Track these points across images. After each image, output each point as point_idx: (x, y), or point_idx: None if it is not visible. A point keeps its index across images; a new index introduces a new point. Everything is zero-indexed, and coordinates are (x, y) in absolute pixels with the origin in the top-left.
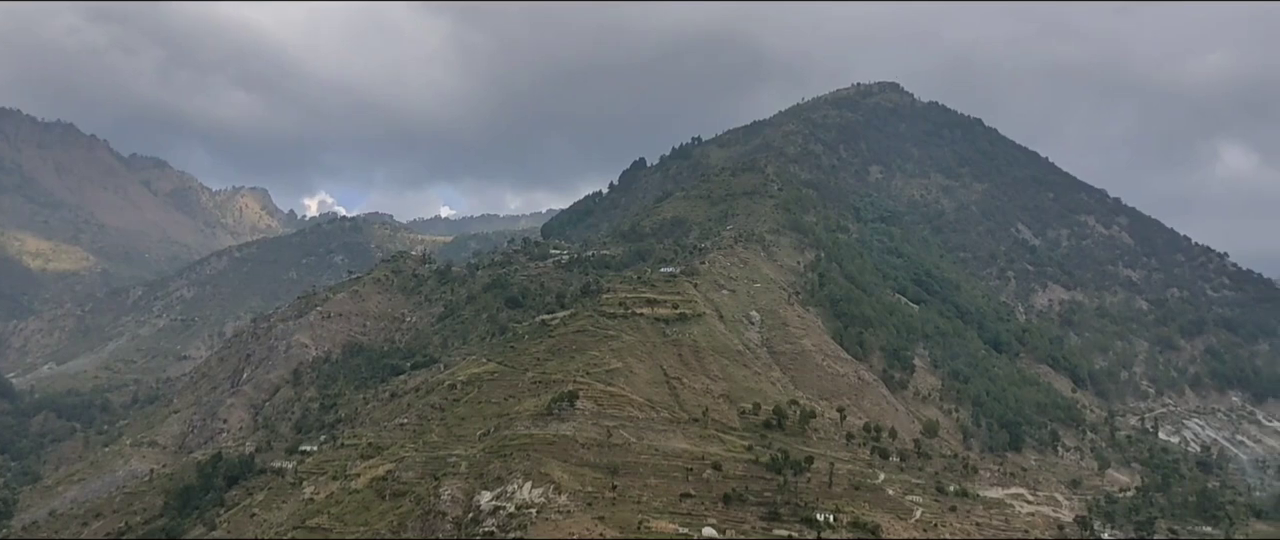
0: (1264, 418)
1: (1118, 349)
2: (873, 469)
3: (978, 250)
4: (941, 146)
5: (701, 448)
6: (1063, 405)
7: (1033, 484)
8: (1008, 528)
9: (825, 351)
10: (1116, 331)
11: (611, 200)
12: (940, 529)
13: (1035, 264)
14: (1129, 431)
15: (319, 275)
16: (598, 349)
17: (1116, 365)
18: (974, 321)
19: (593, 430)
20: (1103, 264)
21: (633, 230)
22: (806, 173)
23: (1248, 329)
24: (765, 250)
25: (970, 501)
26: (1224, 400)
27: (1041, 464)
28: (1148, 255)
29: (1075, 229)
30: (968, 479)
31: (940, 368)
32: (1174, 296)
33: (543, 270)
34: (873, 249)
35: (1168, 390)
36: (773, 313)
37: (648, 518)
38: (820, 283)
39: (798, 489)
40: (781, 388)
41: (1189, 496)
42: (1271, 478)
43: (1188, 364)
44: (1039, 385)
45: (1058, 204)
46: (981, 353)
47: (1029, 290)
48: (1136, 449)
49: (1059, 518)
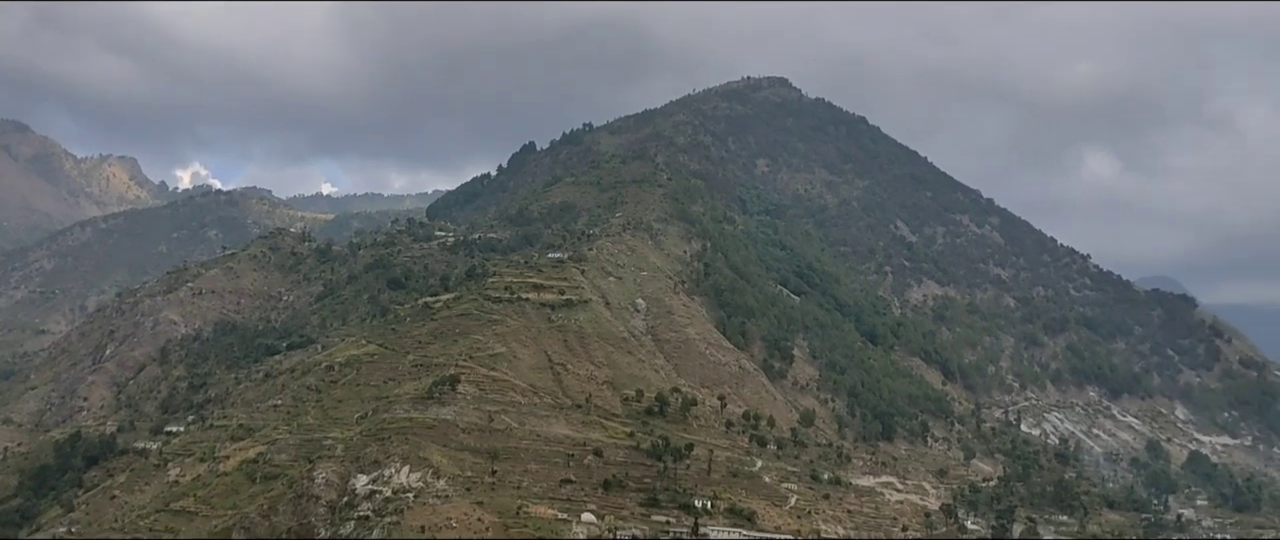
0: (1118, 412)
1: (986, 344)
2: (751, 457)
3: (858, 245)
4: (826, 143)
5: (584, 434)
6: (933, 397)
7: (902, 473)
8: (877, 515)
9: (708, 340)
10: (985, 327)
11: (500, 183)
12: (813, 516)
13: (912, 260)
14: (994, 424)
15: (191, 250)
16: (482, 333)
17: (984, 360)
18: (852, 314)
19: (474, 415)
20: (975, 262)
21: (521, 214)
22: (695, 163)
23: (1106, 328)
24: (653, 238)
25: (843, 489)
26: (1082, 395)
27: (911, 454)
28: (1017, 255)
29: (950, 227)
30: (841, 467)
31: (818, 358)
32: (1039, 295)
33: (427, 252)
34: (758, 241)
35: (1031, 385)
36: (658, 301)
37: (527, 503)
38: (706, 272)
39: (677, 476)
40: (665, 375)
41: (1047, 486)
42: (1123, 470)
43: (1050, 360)
44: (911, 377)
45: (935, 203)
46: (858, 345)
47: (905, 285)
48: (1000, 440)
49: (926, 506)
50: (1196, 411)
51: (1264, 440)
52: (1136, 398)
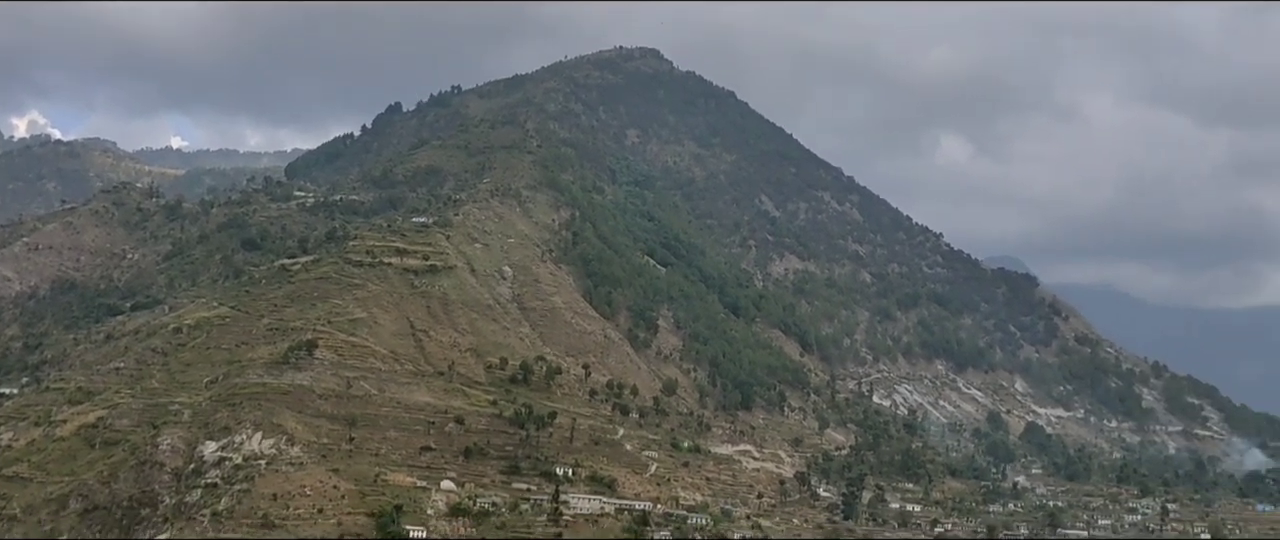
0: (963, 385)
1: (843, 318)
2: (613, 425)
3: (724, 218)
4: (696, 116)
5: (445, 401)
6: (791, 368)
7: (760, 441)
8: (734, 482)
9: (575, 309)
10: (842, 301)
11: (363, 144)
12: (672, 483)
13: (775, 234)
14: (848, 394)
15: (27, 203)
16: (341, 298)
17: (841, 332)
18: (716, 286)
19: (331, 381)
20: (835, 238)
21: (385, 177)
22: (566, 131)
23: (955, 304)
24: (521, 206)
25: (702, 457)
26: (930, 368)
27: (769, 423)
28: (874, 232)
29: (812, 203)
30: (701, 436)
31: (682, 329)
32: (894, 271)
33: (285, 212)
34: (626, 211)
35: (883, 357)
36: (525, 269)
37: (385, 471)
38: (574, 241)
39: (539, 443)
40: (530, 343)
41: (895, 455)
42: (966, 439)
43: (902, 334)
44: (771, 349)
45: (798, 179)
46: (721, 316)
47: (767, 259)
48: (853, 411)
49: (781, 473)
50: (1034, 385)
51: (1095, 413)
52: (980, 371)
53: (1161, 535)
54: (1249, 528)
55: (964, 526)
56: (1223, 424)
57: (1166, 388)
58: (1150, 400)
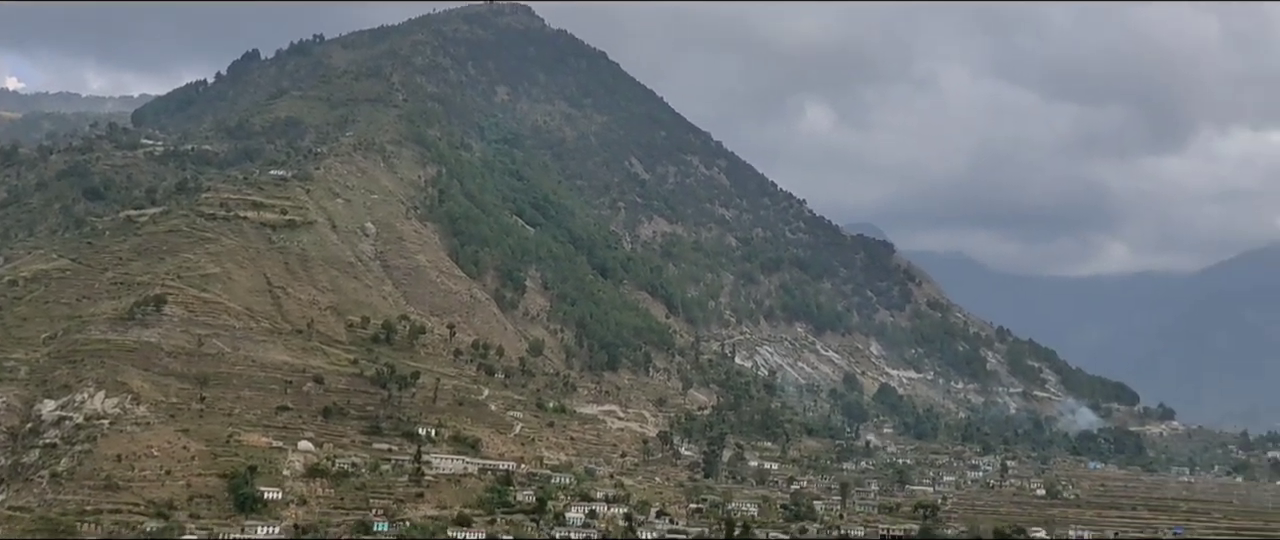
0: (821, 347)
1: (708, 281)
2: (478, 385)
3: (593, 180)
4: (567, 75)
5: (303, 360)
6: (657, 330)
7: (625, 402)
8: (599, 442)
9: (440, 268)
10: (708, 264)
11: (218, 92)
12: (537, 443)
13: (644, 197)
14: (711, 356)
15: None
16: (193, 252)
17: (706, 295)
18: (585, 247)
19: (181, 338)
20: (702, 202)
21: (241, 127)
22: (433, 86)
23: (815, 269)
24: (386, 161)
25: (567, 417)
26: (791, 331)
27: (634, 383)
28: (740, 197)
29: (681, 167)
30: (567, 396)
31: (550, 289)
32: (759, 236)
33: (132, 161)
34: (494, 170)
35: (746, 320)
36: (389, 226)
37: (239, 431)
38: (440, 199)
39: (402, 404)
40: (393, 302)
41: (755, 415)
42: (822, 400)
43: (764, 297)
44: (638, 310)
45: (668, 142)
46: (589, 277)
47: (636, 221)
48: (716, 371)
49: (645, 433)
50: (888, 348)
51: (943, 375)
52: (838, 334)
53: (1001, 490)
54: (1081, 483)
55: (819, 483)
56: (1060, 386)
57: (1009, 351)
58: (994, 363)
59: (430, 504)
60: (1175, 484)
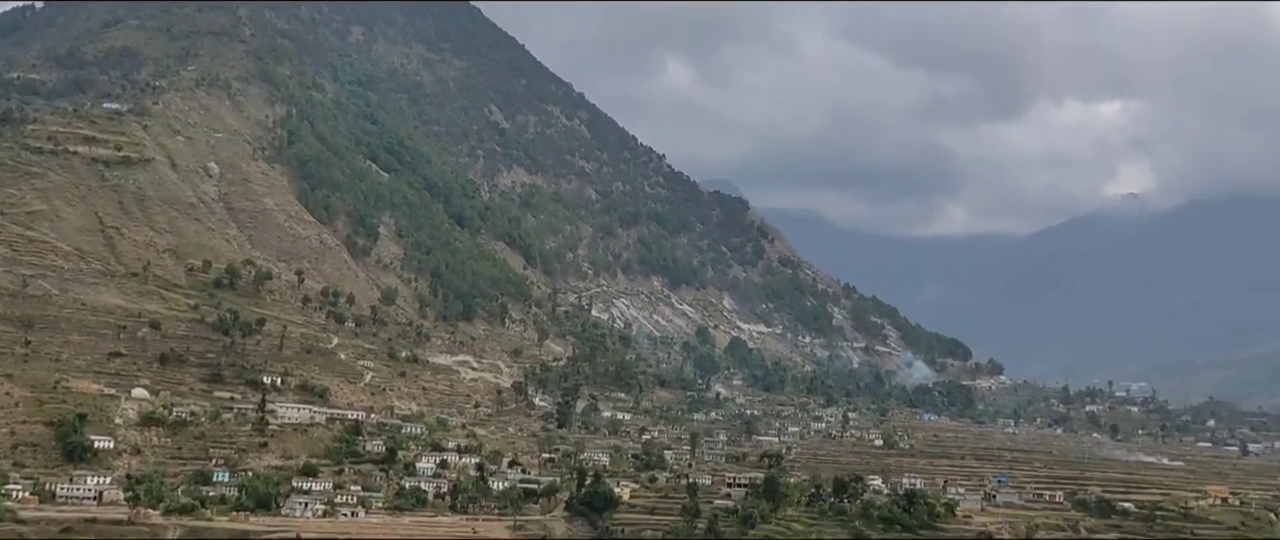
0: (676, 301)
1: (567, 233)
2: (327, 333)
3: (451, 126)
4: (426, 18)
5: (139, 304)
6: (514, 281)
7: (480, 352)
8: (452, 392)
9: (288, 212)
10: (568, 216)
11: (46, 17)
12: (388, 393)
13: (503, 146)
14: (568, 308)
15: None
16: (17, 187)
17: (564, 247)
18: (441, 195)
19: (4, 279)
20: (562, 153)
21: (71, 56)
22: (284, 22)
23: (673, 223)
24: (231, 99)
25: (420, 367)
26: (647, 284)
27: (489, 334)
28: (601, 150)
29: (542, 117)
30: (420, 346)
31: (405, 237)
32: (618, 189)
33: None
34: (348, 112)
35: (604, 272)
36: (234, 167)
37: (67, 377)
38: (289, 140)
39: (246, 351)
40: (237, 246)
41: (610, 367)
42: (676, 352)
43: (622, 250)
44: (495, 261)
45: (529, 92)
46: (445, 226)
47: (495, 170)
48: (572, 323)
49: (499, 383)
50: (740, 302)
51: (792, 330)
52: (693, 288)
53: (842, 440)
54: (915, 434)
55: (670, 433)
56: (900, 341)
57: (854, 308)
58: (840, 319)
59: (274, 454)
60: (1001, 435)
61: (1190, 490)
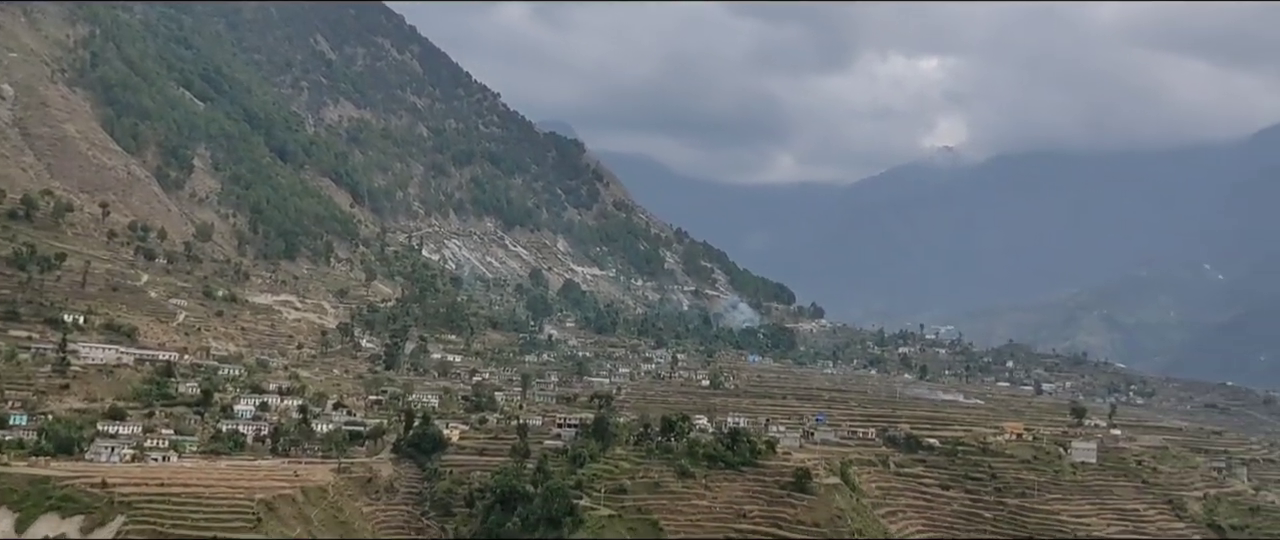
0: (510, 243)
1: (397, 170)
2: (136, 270)
3: (274, 55)
4: None
5: None
6: (340, 219)
7: (303, 292)
8: (273, 333)
9: (91, 140)
10: (398, 154)
11: None
12: (203, 333)
13: (330, 78)
14: (397, 248)
15: None
16: None
17: (394, 185)
18: (262, 127)
19: None
20: (392, 87)
21: None
22: None
23: (507, 164)
24: (26, 16)
25: (238, 307)
26: (480, 225)
27: (314, 273)
28: (433, 86)
29: (371, 50)
30: (238, 285)
31: (222, 171)
32: (451, 127)
33: None
34: (158, 35)
35: (436, 212)
36: (30, 89)
37: None
38: (93, 63)
39: (44, 287)
40: (34, 175)
41: (441, 308)
42: (509, 294)
43: (455, 190)
44: (320, 197)
45: (358, 22)
46: (267, 160)
47: (320, 103)
48: (402, 264)
49: (323, 324)
50: (575, 245)
51: (625, 273)
52: (527, 230)
53: (671, 381)
54: (740, 374)
55: (501, 375)
56: (728, 285)
57: (686, 252)
58: (671, 263)
59: (77, 396)
60: (820, 376)
61: (989, 427)
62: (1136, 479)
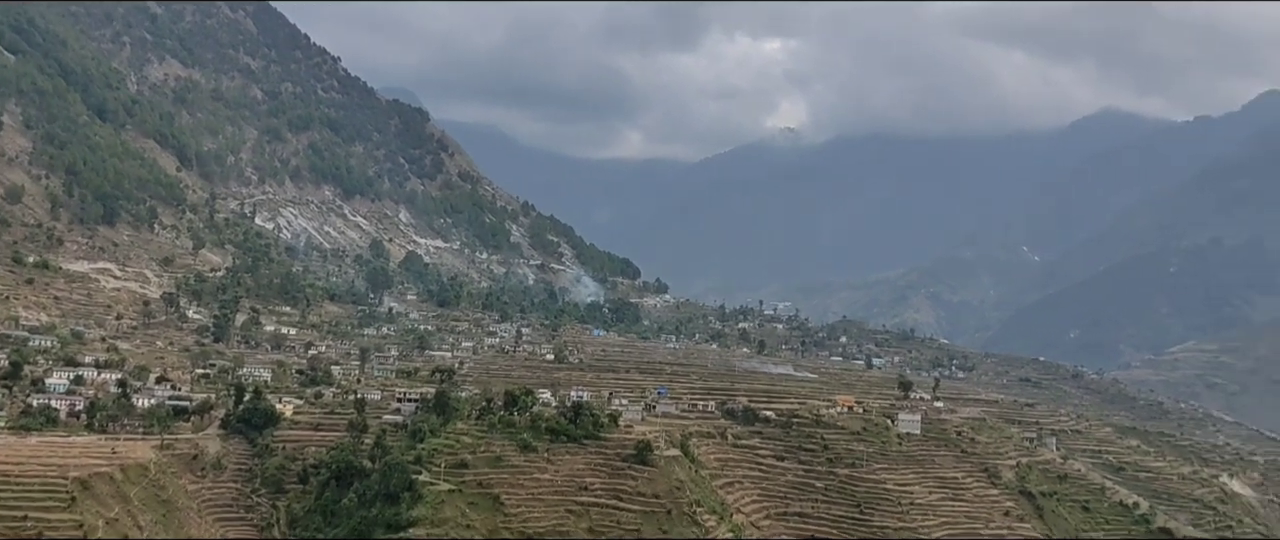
0: (349, 212)
1: (228, 134)
2: None
3: (92, 8)
4: None
5: None
6: (165, 183)
7: (123, 260)
8: (90, 302)
9: None
10: (229, 116)
11: None
12: (13, 302)
13: (154, 34)
14: (228, 215)
15: None
16: None
17: (225, 149)
18: (79, 84)
19: None
20: (224, 47)
21: None
22: None
23: (347, 131)
24: None
25: (51, 274)
26: (318, 194)
27: (135, 240)
28: (269, 47)
29: (201, 6)
30: (51, 251)
31: (33, 129)
32: (288, 91)
33: None
34: None
35: (270, 179)
36: None
37: None
38: None
39: None
40: None
41: (275, 279)
42: (348, 265)
43: (291, 156)
44: (143, 160)
45: None
46: (84, 119)
47: (144, 60)
48: (233, 232)
49: (146, 294)
50: (417, 216)
51: (470, 245)
52: (367, 199)
53: (514, 355)
54: (585, 349)
55: (338, 348)
56: (574, 259)
57: (532, 226)
58: (517, 236)
59: None
60: (663, 350)
61: (822, 399)
62: (956, 449)
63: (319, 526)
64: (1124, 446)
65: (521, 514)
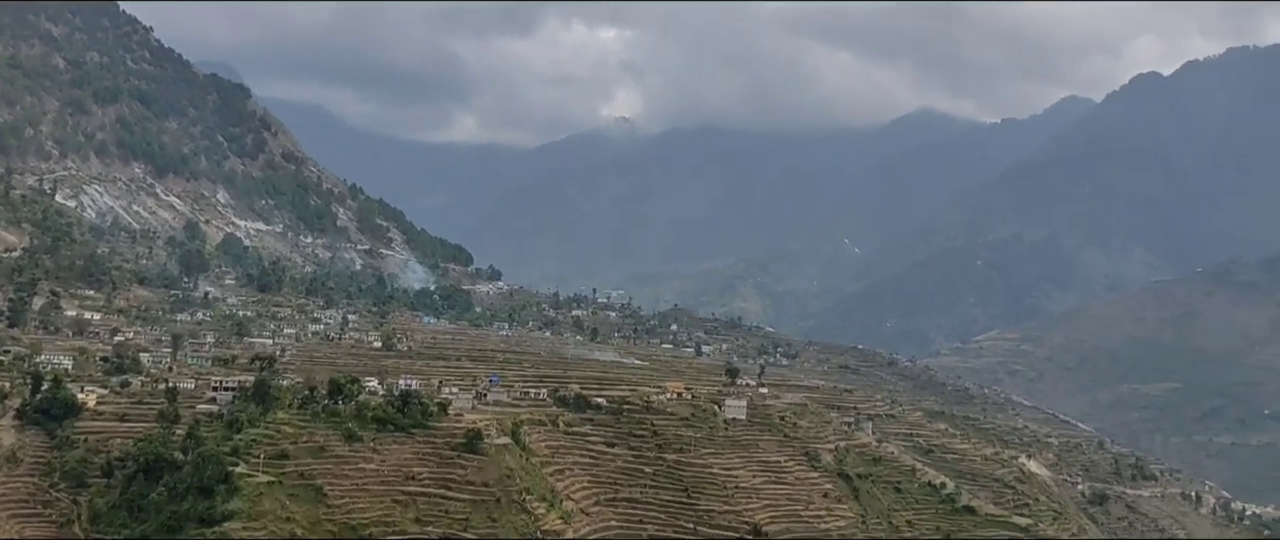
0: (162, 191)
1: (26, 104)
2: None
3: None
4: None
5: None
6: None
7: None
8: None
9: None
10: (27, 85)
11: None
12: None
13: None
14: (25, 192)
15: None
16: None
17: (22, 121)
18: None
19: None
20: (23, 11)
21: None
22: None
23: (160, 105)
24: None
25: None
26: (127, 171)
27: None
28: (72, 13)
29: None
30: None
31: None
32: (93, 60)
33: None
34: None
35: (73, 154)
36: None
37: None
38: None
39: None
40: None
41: (77, 260)
42: (159, 248)
43: (97, 130)
44: None
45: None
46: None
47: None
48: (30, 210)
49: None
50: (237, 197)
51: (293, 228)
52: (182, 178)
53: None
54: (414, 336)
55: (148, 335)
56: (405, 245)
57: (360, 209)
58: (345, 220)
59: None
60: (495, 337)
61: (653, 386)
62: (779, 433)
63: (124, 522)
64: (933, 430)
65: (345, 505)
